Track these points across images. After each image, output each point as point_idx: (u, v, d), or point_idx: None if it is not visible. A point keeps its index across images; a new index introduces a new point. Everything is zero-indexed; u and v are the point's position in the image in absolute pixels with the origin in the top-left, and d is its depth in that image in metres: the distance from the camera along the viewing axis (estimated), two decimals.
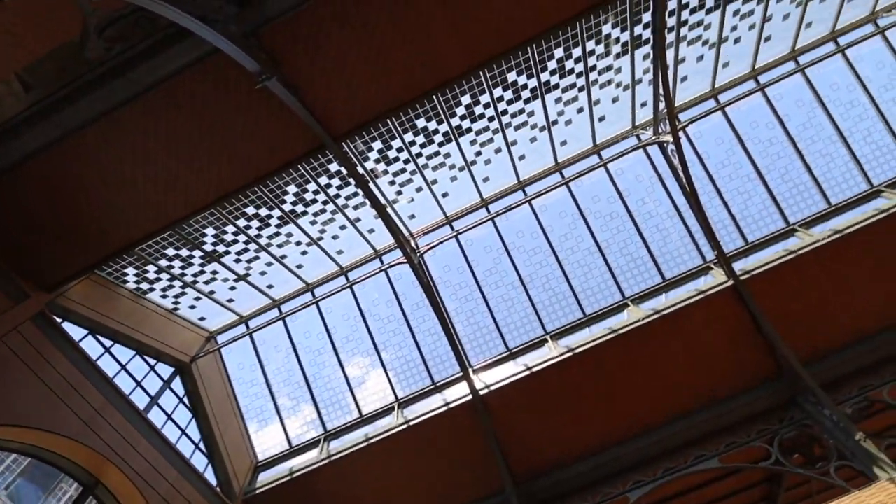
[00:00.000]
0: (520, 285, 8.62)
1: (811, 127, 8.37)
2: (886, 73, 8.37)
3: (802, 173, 8.34)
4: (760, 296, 7.64)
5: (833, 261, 7.67)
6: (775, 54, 8.32)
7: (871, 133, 8.31)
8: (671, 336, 7.83)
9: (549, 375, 7.87)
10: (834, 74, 8.37)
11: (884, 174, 8.24)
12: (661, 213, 8.54)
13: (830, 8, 7.96)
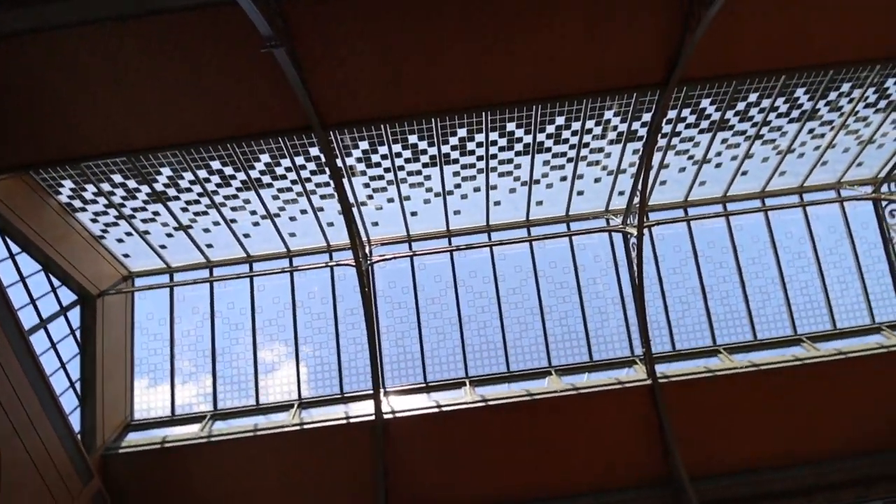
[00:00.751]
0: (457, 323, 8.62)
1: (759, 263, 8.96)
2: (835, 238, 9.13)
3: (740, 302, 8.87)
4: (672, 402, 7.94)
5: (745, 391, 8.09)
6: (747, 189, 8.94)
7: (808, 286, 8.97)
8: (581, 416, 7.98)
9: (457, 419, 7.82)
10: (791, 223, 9.06)
11: (808, 326, 8.87)
12: (607, 298, 8.83)
13: (804, 165, 8.67)
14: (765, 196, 9.00)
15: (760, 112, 7.52)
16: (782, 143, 8.14)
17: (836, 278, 8.99)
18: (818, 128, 8.00)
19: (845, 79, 7.22)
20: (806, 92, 7.32)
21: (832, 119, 7.87)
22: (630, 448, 8.06)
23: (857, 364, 8.10)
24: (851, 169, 8.87)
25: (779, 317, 8.95)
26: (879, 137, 8.32)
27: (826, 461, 7.95)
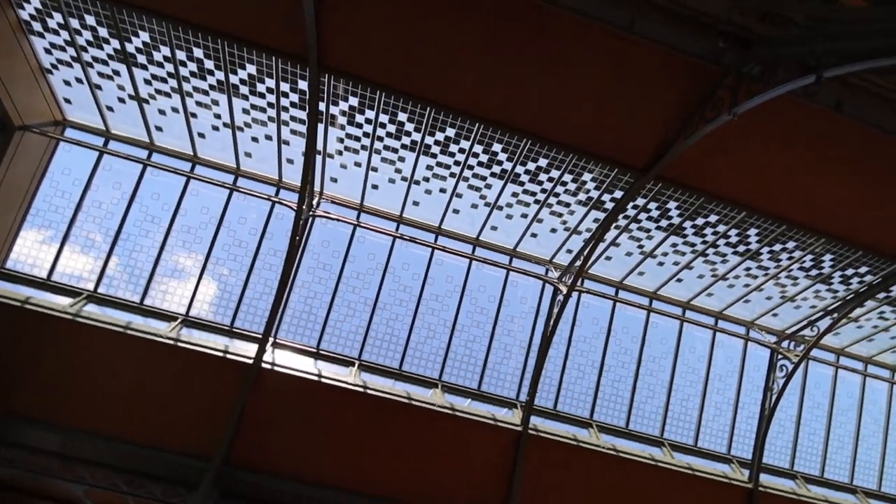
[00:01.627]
0: (371, 305, 8.58)
1: (658, 363, 9.52)
2: (728, 368, 9.86)
3: (628, 390, 9.38)
4: (531, 455, 8.28)
5: (600, 469, 8.57)
6: (675, 294, 9.47)
7: (689, 400, 9.63)
8: (449, 436, 8.15)
9: (331, 394, 7.78)
10: (699, 339, 9.69)
11: (675, 434, 9.53)
12: (517, 339, 9.08)
13: (730, 295, 9.31)
14: (687, 307, 9.58)
15: (713, 234, 7.99)
16: (720, 268, 8.69)
17: (714, 403, 9.71)
18: (755, 269, 8.61)
19: (793, 237, 7.81)
20: (757, 234, 7.87)
21: (769, 267, 8.50)
22: (478, 483, 8.32)
23: (699, 483, 8.81)
24: (767, 315, 9.62)
25: (654, 416, 9.55)
26: (800, 299, 9.06)
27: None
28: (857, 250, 7.70)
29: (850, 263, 8.04)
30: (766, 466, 9.85)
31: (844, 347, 10.35)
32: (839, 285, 8.54)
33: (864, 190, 6.98)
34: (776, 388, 9.30)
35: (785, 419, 10.38)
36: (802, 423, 10.41)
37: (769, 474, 9.90)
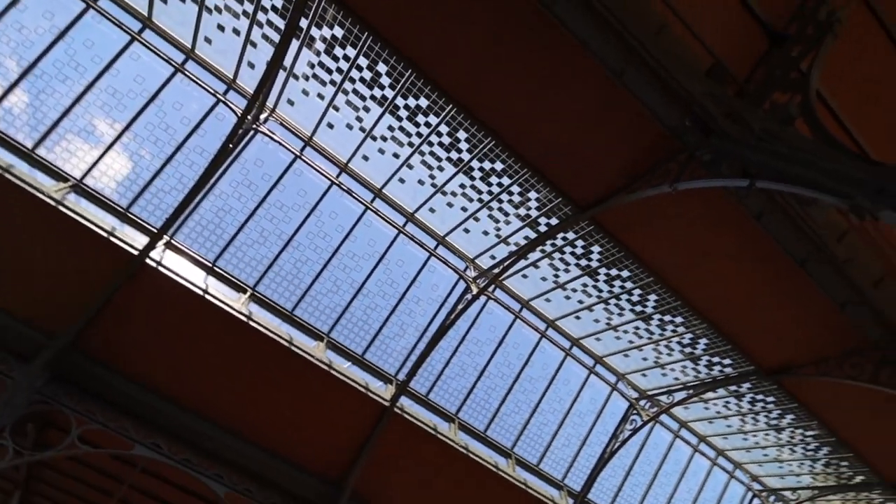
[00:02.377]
0: (284, 240, 8.28)
1: (534, 383, 10.10)
2: (591, 406, 10.68)
3: (498, 400, 9.87)
4: (388, 431, 8.50)
5: (447, 463, 8.98)
6: (569, 328, 10.06)
7: (547, 424, 10.34)
8: (318, 391, 8.13)
9: (211, 313, 7.45)
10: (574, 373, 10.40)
11: (523, 450, 10.20)
12: (416, 321, 9.19)
13: (613, 344, 10.04)
14: (575, 344, 10.21)
15: (620, 287, 8.55)
16: (615, 320, 9.33)
17: (567, 434, 10.49)
18: (643, 329, 9.32)
19: (683, 314, 8.55)
20: (656, 300, 8.52)
21: (654, 332, 9.25)
22: (330, 442, 8.41)
23: (529, 499, 9.52)
24: (638, 374, 10.49)
25: (512, 429, 10.14)
26: (668, 368, 9.97)
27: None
28: (729, 344, 8.59)
29: (719, 352, 8.96)
30: (588, 501, 10.84)
31: (688, 421, 11.57)
32: (703, 368, 9.49)
33: (755, 296, 7.76)
34: (621, 438, 10.22)
35: (619, 466, 11.46)
36: (632, 474, 11.55)
37: None
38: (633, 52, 5.36)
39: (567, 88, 6.22)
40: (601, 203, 6.92)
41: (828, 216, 6.17)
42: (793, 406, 9.33)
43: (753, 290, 7.70)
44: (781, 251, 6.73)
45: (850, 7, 5.59)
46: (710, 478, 12.60)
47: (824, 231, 6.07)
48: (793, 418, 9.79)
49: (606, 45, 5.43)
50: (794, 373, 8.21)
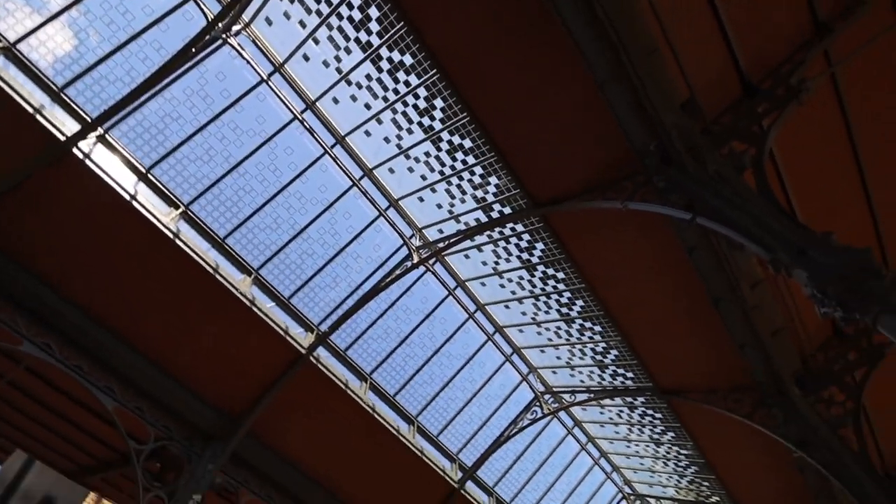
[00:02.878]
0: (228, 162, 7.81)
1: (450, 360, 10.40)
2: (500, 393, 11.17)
3: (413, 369, 10.08)
4: (300, 378, 8.49)
5: (345, 419, 9.11)
6: (494, 312, 10.38)
7: (458, 399, 10.72)
8: (234, 323, 7.92)
9: (134, 221, 6.98)
10: (481, 353, 10.80)
11: (425, 419, 10.54)
12: (350, 276, 9.09)
13: (537, 339, 10.49)
14: (499, 330, 10.56)
15: (553, 288, 8.89)
16: (541, 316, 9.71)
17: (471, 413, 10.95)
18: (563, 330, 9.79)
19: (603, 324, 9.05)
20: (581, 307, 8.95)
21: (573, 335, 9.73)
22: (236, 376, 8.26)
23: (420, 464, 9.90)
24: (549, 370, 11.05)
25: (421, 399, 10.41)
26: (577, 371, 10.57)
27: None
28: (635, 360, 9.21)
29: (624, 365, 9.60)
30: (476, 477, 11.43)
31: (583, 421, 12.39)
32: (608, 376, 10.15)
33: (669, 321, 8.33)
34: (519, 425, 10.79)
35: (511, 451, 12.13)
36: (521, 460, 12.28)
37: (475, 485, 11.52)
38: (622, 67, 5.44)
39: (552, 86, 6.23)
40: (556, 204, 7.09)
41: (749, 264, 6.69)
42: (675, 425, 10.23)
43: (669, 317, 8.27)
44: (702, 287, 7.24)
45: (820, 80, 5.97)
46: (588, 475, 13.65)
47: (741, 277, 6.58)
48: (672, 436, 10.75)
49: (600, 54, 5.47)
50: (684, 396, 8.98)
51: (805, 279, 3.74)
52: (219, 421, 8.35)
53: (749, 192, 4.94)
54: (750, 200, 4.84)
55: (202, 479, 7.90)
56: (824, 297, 3.58)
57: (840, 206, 7.57)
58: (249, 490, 8.71)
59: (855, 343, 7.75)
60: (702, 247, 6.73)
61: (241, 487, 8.61)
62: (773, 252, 4.20)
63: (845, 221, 7.63)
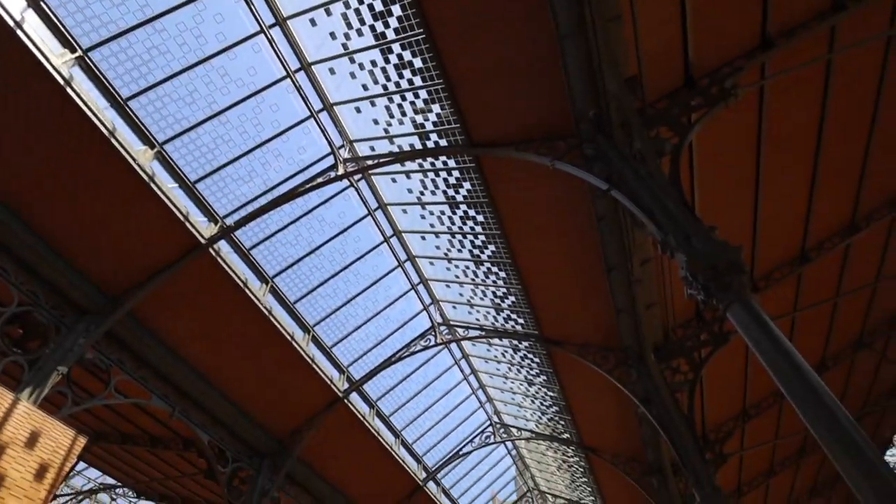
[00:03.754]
0: (146, 16, 6.81)
1: (358, 279, 10.49)
2: (401, 318, 11.55)
3: (318, 280, 10.06)
4: (195, 267, 8.13)
5: (237, 317, 9.00)
6: (409, 241, 10.52)
7: (358, 317, 10.96)
8: (130, 201, 7.26)
9: (16, 51, 5.93)
10: (389, 278, 11.05)
11: (322, 330, 10.72)
12: (268, 173, 8.59)
13: (446, 274, 10.86)
14: (411, 259, 10.77)
15: (471, 229, 9.14)
16: (453, 253, 10.02)
17: (371, 331, 11.32)
18: (472, 268, 10.21)
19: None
20: (493, 252, 9.34)
21: (478, 277, 10.20)
22: (126, 255, 7.72)
23: (310, 372, 10.18)
24: (449, 305, 11.58)
25: (322, 310, 10.51)
26: (475, 310, 11.19)
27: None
28: (529, 309, 9.92)
29: (518, 312, 10.32)
30: (362, 391, 12.02)
31: (470, 355, 13.34)
32: (501, 319, 10.88)
33: (565, 280, 8.99)
34: (412, 350, 11.37)
35: (400, 372, 12.84)
36: (406, 381, 13.07)
37: (360, 397, 12.12)
38: (584, 25, 5.40)
39: (515, 31, 6.04)
40: (491, 147, 7.13)
41: (645, 242, 7.33)
42: (549, 371, 11.38)
43: (566, 276, 8.93)
44: (601, 255, 7.86)
45: (749, 90, 6.40)
46: (465, 402, 14.93)
47: (635, 252, 7.22)
48: (544, 379, 11.97)
49: (569, 6, 5.34)
50: (562, 346, 9.95)
51: (683, 262, 4.20)
52: (96, 296, 7.84)
53: (661, 177, 5.31)
54: (660, 185, 5.22)
55: (70, 351, 7.48)
56: (694, 281, 4.07)
57: (732, 206, 8.45)
58: (123, 370, 8.43)
59: (709, 327, 8.98)
60: (609, 218, 7.23)
61: (113, 366, 8.30)
62: (666, 234, 4.64)
63: (732, 220, 8.56)
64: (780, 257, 9.58)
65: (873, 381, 14.09)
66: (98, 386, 8.94)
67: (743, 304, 3.79)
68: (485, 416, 15.32)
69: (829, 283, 10.65)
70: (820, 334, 11.76)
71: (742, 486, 15.10)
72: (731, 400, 12.02)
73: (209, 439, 9.83)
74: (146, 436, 11.67)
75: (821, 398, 3.01)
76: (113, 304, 7.90)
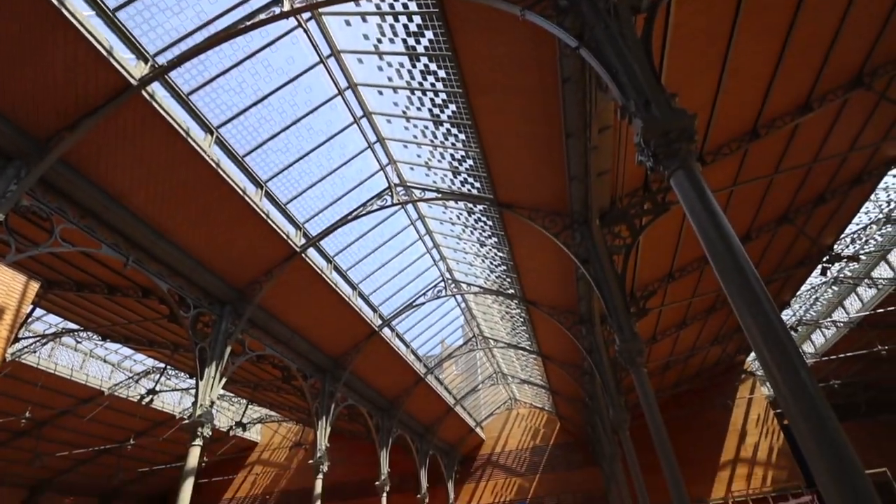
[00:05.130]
0: None
1: (311, 134, 10.01)
2: (357, 177, 11.35)
3: (268, 133, 9.53)
4: (129, 112, 7.44)
5: (182, 168, 8.57)
6: (366, 95, 9.95)
7: (311, 174, 10.70)
8: (35, 27, 6.22)
9: None
10: (344, 135, 10.65)
11: (275, 186, 10.50)
12: (203, 6, 7.54)
13: (404, 133, 10.51)
14: (367, 115, 10.27)
15: (431, 84, 8.64)
16: (412, 111, 9.59)
17: (326, 189, 11.17)
18: (430, 130, 9.93)
19: None
20: (453, 111, 9.00)
21: (438, 138, 9.97)
22: (47, 98, 6.89)
23: (265, 227, 10.18)
24: (407, 166, 11.45)
25: (275, 166, 10.16)
26: (432, 172, 11.15)
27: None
28: (486, 173, 9.98)
29: (474, 176, 10.38)
30: (319, 247, 12.28)
31: (425, 216, 13.64)
32: (458, 182, 10.95)
33: (523, 146, 8.94)
34: (368, 208, 11.46)
35: (356, 230, 13.08)
36: (363, 239, 13.40)
37: (318, 253, 12.43)
38: None
39: None
40: None
41: (606, 109, 7.24)
42: (500, 233, 11.92)
43: (524, 139, 8.85)
44: (560, 118, 7.76)
45: None
46: (419, 260, 15.68)
47: (596, 119, 7.17)
48: (495, 241, 12.60)
49: None
50: (515, 210, 10.32)
51: (639, 128, 4.22)
52: (22, 141, 7.16)
53: (633, 39, 5.05)
54: (630, 46, 4.98)
55: (3, 198, 7.05)
56: (646, 147, 4.15)
57: (697, 76, 8.32)
58: (66, 219, 8.13)
59: (653, 197, 9.44)
60: (575, 80, 6.99)
61: (54, 214, 7.96)
62: (628, 100, 4.57)
63: (693, 91, 8.51)
64: (732, 132, 9.82)
65: (786, 254, 15.77)
66: (43, 235, 8.67)
67: (686, 172, 3.94)
68: (438, 273, 16.28)
69: (770, 161, 11.19)
70: (751, 208, 12.69)
71: (656, 335, 17.46)
72: (661, 264, 13.25)
73: (168, 287, 10.05)
74: (102, 284, 11.75)
75: (739, 263, 3.36)
76: (40, 149, 7.29)
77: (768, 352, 2.92)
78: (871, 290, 19.38)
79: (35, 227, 8.86)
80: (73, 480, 24.31)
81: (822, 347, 23.15)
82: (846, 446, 2.55)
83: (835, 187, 13.10)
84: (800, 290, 19.52)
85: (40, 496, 23.29)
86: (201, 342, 10.56)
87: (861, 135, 11.36)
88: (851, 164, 12.51)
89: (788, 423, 3.19)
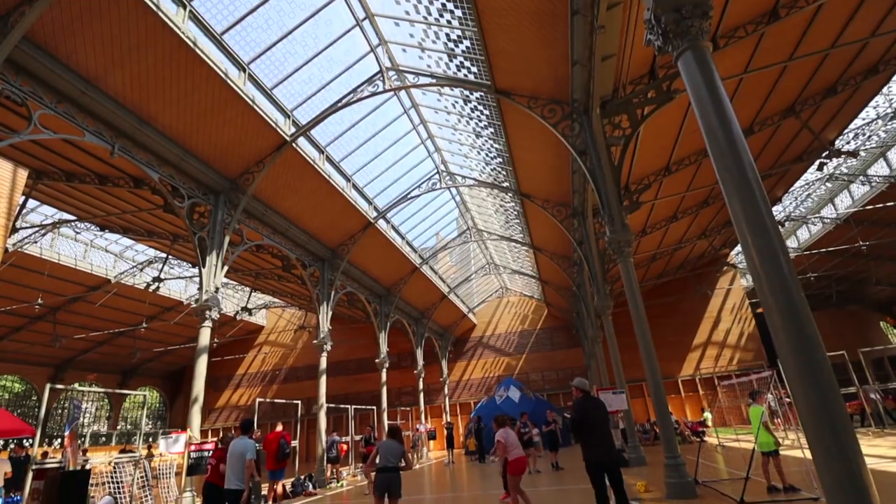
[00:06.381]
0: None
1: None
2: (347, 62, 10.64)
3: (243, 10, 8.73)
4: None
5: (165, 58, 7.96)
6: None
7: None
8: None
9: None
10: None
11: (260, 71, 9.88)
12: None
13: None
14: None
15: None
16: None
17: (310, 73, 10.57)
18: (423, 4, 9.12)
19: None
20: None
21: (431, 13, 9.19)
22: None
23: (253, 115, 9.77)
24: (401, 50, 10.69)
25: (256, 46, 9.48)
26: (426, 56, 10.46)
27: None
28: (483, 55, 9.37)
29: (471, 59, 9.76)
30: (309, 136, 11.92)
31: (419, 105, 13.08)
32: (454, 66, 10.33)
33: (524, 24, 8.29)
34: (359, 94, 10.93)
35: (347, 119, 12.60)
36: (355, 128, 12.97)
37: (308, 142, 12.09)
38: None
39: None
40: None
41: None
42: (497, 123, 11.55)
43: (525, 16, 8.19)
44: None
45: None
46: (414, 151, 15.37)
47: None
48: (491, 132, 12.25)
49: None
50: (513, 98, 9.89)
51: (650, 3, 3.91)
52: None
53: None
54: None
55: None
56: (656, 24, 3.87)
57: None
58: (42, 104, 7.73)
59: (658, 85, 9.00)
60: None
61: (28, 99, 7.56)
62: None
63: None
64: (751, 12, 9.09)
65: (785, 149, 15.50)
66: (22, 123, 8.31)
67: (696, 53, 3.73)
68: (433, 164, 16.05)
69: (786, 47, 10.52)
70: (758, 100, 12.21)
71: (646, 229, 17.82)
72: (658, 157, 13.07)
73: (159, 177, 9.91)
74: (92, 174, 11.55)
75: (738, 154, 3.31)
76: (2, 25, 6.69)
77: (751, 235, 3.03)
78: (864, 188, 19.47)
79: (15, 116, 8.46)
80: (95, 359, 26.14)
81: (806, 243, 23.87)
82: (810, 322, 2.77)
83: (848, 77, 12.50)
84: (793, 187, 19.56)
85: (65, 373, 25.22)
86: (199, 231, 10.69)
87: (886, 19, 10.57)
88: (870, 52, 11.81)
89: (762, 311, 3.41)
